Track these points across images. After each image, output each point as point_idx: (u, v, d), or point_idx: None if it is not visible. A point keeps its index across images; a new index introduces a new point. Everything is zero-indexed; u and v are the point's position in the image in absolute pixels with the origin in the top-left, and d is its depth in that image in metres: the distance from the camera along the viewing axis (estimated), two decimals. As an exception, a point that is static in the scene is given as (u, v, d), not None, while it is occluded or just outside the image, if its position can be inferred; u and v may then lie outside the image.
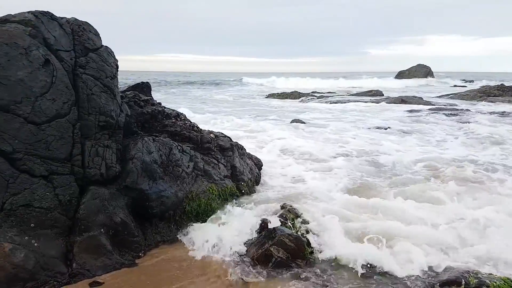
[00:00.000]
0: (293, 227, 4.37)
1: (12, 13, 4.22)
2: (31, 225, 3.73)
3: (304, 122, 13.72)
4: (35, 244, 3.69)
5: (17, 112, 3.76)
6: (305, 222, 4.54)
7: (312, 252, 4.16)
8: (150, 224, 4.88)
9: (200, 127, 6.74)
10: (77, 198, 4.08)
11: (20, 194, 3.70)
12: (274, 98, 27.41)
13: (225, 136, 6.87)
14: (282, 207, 4.84)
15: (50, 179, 3.91)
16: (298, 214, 4.72)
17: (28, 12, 4.12)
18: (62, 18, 4.41)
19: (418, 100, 21.19)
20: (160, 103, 6.63)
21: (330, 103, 21.72)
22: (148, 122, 5.97)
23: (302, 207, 4.99)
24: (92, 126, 4.34)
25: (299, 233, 4.20)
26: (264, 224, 4.58)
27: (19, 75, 3.81)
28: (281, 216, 4.64)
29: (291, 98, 26.42)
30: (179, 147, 5.55)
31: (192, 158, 5.69)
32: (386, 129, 12.49)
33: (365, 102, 21.75)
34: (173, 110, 6.69)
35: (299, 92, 28.76)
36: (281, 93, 29.06)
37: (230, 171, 6.24)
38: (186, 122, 6.70)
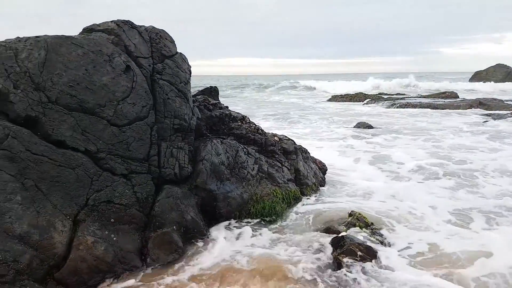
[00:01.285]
0: (362, 236, 4.22)
1: (97, 23, 4.59)
2: (111, 220, 4.01)
3: (372, 127, 13.19)
4: (114, 238, 3.96)
5: (101, 115, 4.08)
6: (375, 232, 4.38)
7: (380, 261, 3.99)
8: (217, 223, 5.02)
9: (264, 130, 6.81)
10: (153, 196, 4.33)
11: (103, 191, 4.00)
12: (336, 100, 26.79)
13: (289, 139, 6.86)
14: (350, 215, 4.71)
15: (129, 178, 4.19)
16: (368, 223, 4.56)
17: (111, 21, 4.46)
18: (141, 26, 4.71)
19: (499, 104, 19.41)
20: (227, 107, 6.81)
21: (400, 107, 20.57)
22: (216, 125, 6.16)
23: (372, 216, 4.81)
24: (168, 129, 4.58)
25: (369, 243, 4.04)
26: (331, 231, 4.49)
27: (103, 81, 4.13)
28: (349, 224, 4.52)
29: (356, 100, 25.55)
30: (244, 150, 5.65)
31: (257, 161, 5.76)
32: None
33: (438, 104, 20.41)
34: (238, 113, 6.84)
35: (365, 94, 27.77)
36: (345, 94, 28.28)
37: (293, 174, 6.22)
38: (251, 125, 6.81)
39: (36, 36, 3.86)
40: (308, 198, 5.94)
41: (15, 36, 3.94)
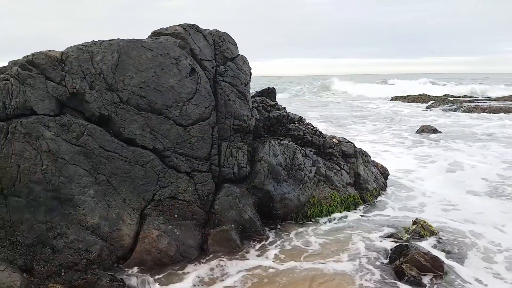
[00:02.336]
0: (427, 245, 3.99)
1: (165, 27, 4.81)
2: (175, 215, 4.18)
3: (438, 131, 12.42)
4: (177, 233, 4.12)
5: (168, 115, 4.27)
6: (442, 242, 4.12)
7: (446, 273, 3.75)
8: (274, 224, 5.04)
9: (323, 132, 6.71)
10: (213, 194, 4.44)
11: (168, 187, 4.18)
12: (398, 101, 25.67)
13: (348, 141, 6.68)
14: (415, 223, 4.48)
15: (192, 175, 4.34)
16: (434, 231, 4.31)
17: (178, 25, 4.65)
18: (205, 29, 4.86)
19: None
20: (285, 108, 6.80)
21: (467, 110, 19.12)
22: (274, 126, 6.18)
23: (437, 226, 4.54)
24: (228, 129, 4.68)
25: (434, 253, 3.81)
26: (394, 238, 4.30)
27: (170, 83, 4.32)
28: (413, 232, 4.30)
29: (419, 102, 24.32)
30: (302, 151, 5.60)
31: (315, 163, 5.69)
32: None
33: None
34: (295, 114, 6.80)
35: (428, 95, 26.35)
36: (407, 96, 27.03)
37: (353, 178, 6.05)
38: (309, 126, 6.74)
39: (110, 40, 4.13)
40: (368, 204, 5.74)
41: (84, 39, 4.25)
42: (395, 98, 26.86)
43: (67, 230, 3.58)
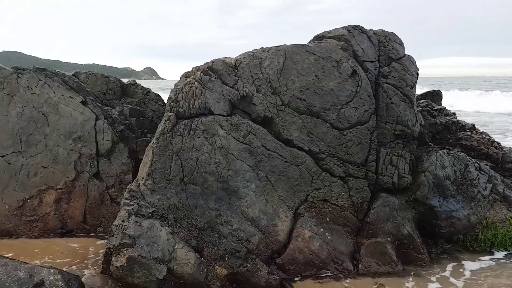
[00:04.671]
0: None
1: (328, 30, 4.83)
2: (327, 219, 4.17)
3: None
4: (329, 237, 4.10)
5: (325, 118, 4.28)
6: None
7: None
8: (435, 243, 4.54)
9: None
10: (368, 202, 4.27)
11: (321, 189, 4.20)
12: None
13: (537, 157, 5.52)
14: None
15: (346, 180, 4.25)
16: None
17: (342, 27, 4.61)
18: (369, 30, 4.69)
19: None
20: (454, 113, 6.05)
21: None
22: (440, 133, 5.57)
23: None
24: (388, 135, 4.42)
25: None
26: None
27: (330, 85, 4.32)
28: None
29: None
30: (476, 165, 4.88)
31: (491, 179, 4.89)
32: None
33: None
34: (465, 121, 5.97)
35: None
36: None
37: (542, 202, 4.97)
38: (484, 136, 5.84)
39: (277, 46, 4.38)
40: None
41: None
42: None
43: (232, 219, 3.94)
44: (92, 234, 5.04)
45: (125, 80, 6.73)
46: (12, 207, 5.01)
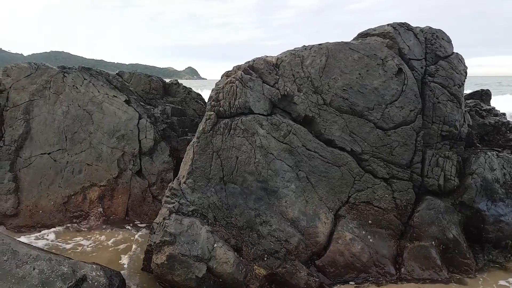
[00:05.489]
0: None
1: (373, 27, 4.69)
2: (369, 221, 4.05)
3: None
4: (371, 240, 3.99)
5: (369, 117, 4.16)
6: None
7: None
8: (482, 248, 4.31)
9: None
10: (412, 205, 4.11)
11: (363, 191, 4.09)
12: None
13: None
14: None
15: (389, 182, 4.12)
16: None
17: (388, 24, 4.46)
18: (416, 27, 4.51)
19: None
20: (504, 114, 5.73)
21: None
22: (489, 135, 5.29)
23: None
24: (434, 135, 4.24)
25: None
26: None
27: (374, 84, 4.19)
28: None
29: None
30: (528, 168, 4.59)
31: (545, 183, 4.58)
32: None
33: None
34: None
35: None
36: None
37: None
38: (537, 137, 5.49)
39: (319, 44, 4.30)
40: None
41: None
42: None
43: (271, 219, 3.91)
44: (134, 231, 5.17)
45: (167, 80, 6.87)
46: (57, 203, 5.21)
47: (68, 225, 5.14)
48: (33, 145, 5.37)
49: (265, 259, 3.76)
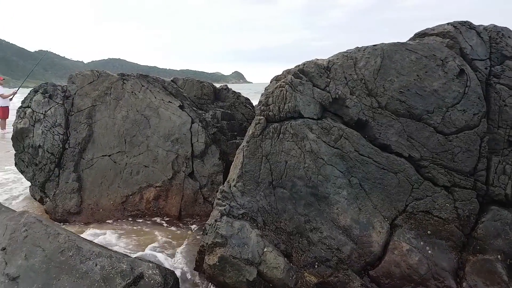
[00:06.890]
0: None
1: (430, 27, 4.45)
2: (428, 232, 3.82)
3: None
4: (429, 252, 3.76)
5: (428, 121, 3.94)
6: None
7: None
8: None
9: None
10: (475, 216, 3.82)
11: (422, 200, 3.87)
12: None
13: None
14: None
15: (451, 191, 3.86)
16: None
17: (447, 23, 4.21)
18: (479, 26, 4.22)
19: None
20: None
21: None
22: None
23: None
24: (501, 141, 3.92)
25: None
26: None
27: (433, 86, 3.96)
28: None
29: None
30: None
31: None
32: None
33: None
34: None
35: None
36: None
37: None
38: None
39: (374, 45, 4.15)
40: None
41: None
42: None
43: (322, 226, 3.83)
44: (187, 231, 5.32)
45: (217, 85, 7.03)
46: (116, 202, 5.50)
47: (125, 223, 5.42)
48: (95, 148, 5.73)
49: (316, 266, 3.68)
